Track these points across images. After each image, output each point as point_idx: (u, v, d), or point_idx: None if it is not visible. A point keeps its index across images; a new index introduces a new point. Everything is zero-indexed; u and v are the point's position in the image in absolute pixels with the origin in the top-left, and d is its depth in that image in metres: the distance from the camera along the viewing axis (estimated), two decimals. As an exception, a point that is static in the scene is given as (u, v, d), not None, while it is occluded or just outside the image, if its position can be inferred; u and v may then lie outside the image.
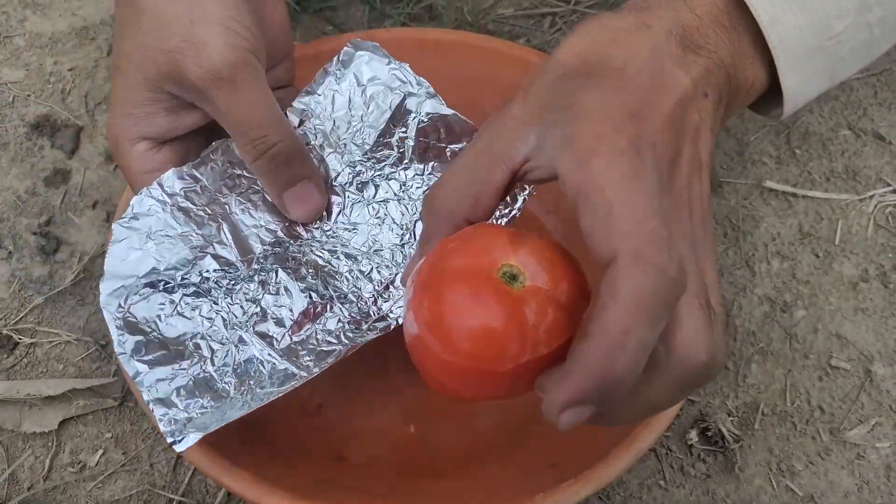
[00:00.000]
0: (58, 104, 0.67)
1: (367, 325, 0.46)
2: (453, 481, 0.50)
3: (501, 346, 0.29)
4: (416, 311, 0.32)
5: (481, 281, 0.30)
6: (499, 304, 0.30)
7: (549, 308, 0.30)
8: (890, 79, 0.70)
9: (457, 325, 0.30)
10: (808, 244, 0.62)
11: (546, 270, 0.31)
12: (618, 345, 0.26)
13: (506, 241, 0.32)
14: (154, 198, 0.45)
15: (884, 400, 0.56)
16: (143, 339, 0.43)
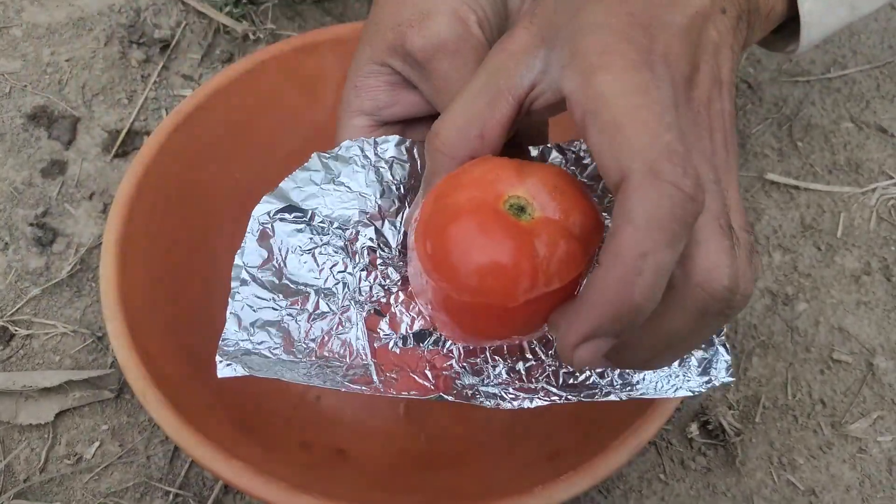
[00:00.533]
0: (55, 95, 0.66)
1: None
2: (452, 474, 0.50)
3: (512, 280, 0.28)
4: (420, 250, 0.30)
5: (487, 214, 0.29)
6: (507, 237, 0.28)
7: (561, 239, 0.28)
8: (893, 71, 0.70)
9: (464, 262, 0.28)
10: (810, 237, 0.61)
11: (556, 200, 0.29)
12: (634, 270, 0.24)
13: (512, 171, 0.30)
14: (362, 150, 0.41)
15: (886, 393, 0.55)
16: (265, 255, 0.41)
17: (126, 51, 0.69)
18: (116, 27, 0.69)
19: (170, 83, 0.67)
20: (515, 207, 0.29)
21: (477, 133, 0.31)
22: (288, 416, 0.52)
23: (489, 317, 0.29)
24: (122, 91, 0.67)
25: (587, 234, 0.29)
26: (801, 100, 0.68)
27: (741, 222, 0.29)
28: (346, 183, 0.41)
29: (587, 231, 0.29)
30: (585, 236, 0.29)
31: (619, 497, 0.52)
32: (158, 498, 0.51)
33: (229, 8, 0.70)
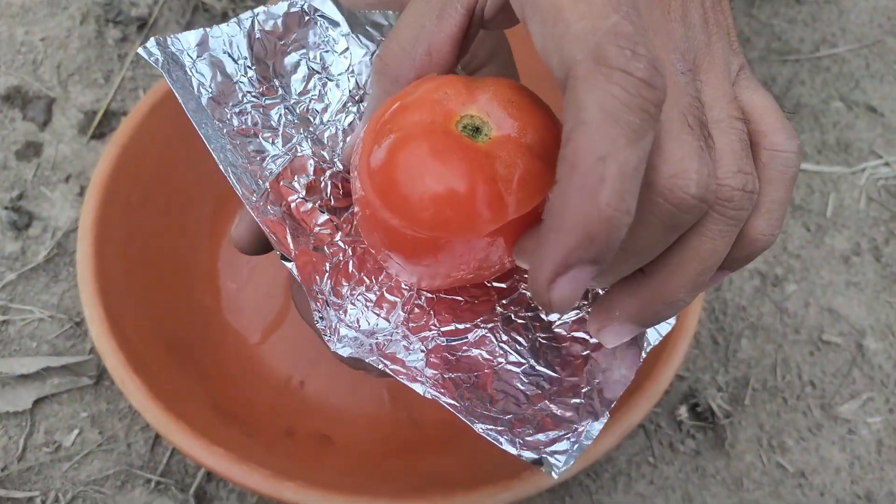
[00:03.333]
0: (29, 75, 0.64)
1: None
2: (440, 460, 0.49)
3: (473, 209, 0.25)
4: (365, 183, 0.27)
5: (439, 137, 0.25)
6: (463, 160, 0.25)
7: (524, 159, 0.25)
8: (882, 50, 0.69)
9: (417, 193, 0.25)
10: (800, 217, 0.61)
11: (514, 117, 0.26)
12: (595, 177, 0.20)
13: (462, 87, 0.27)
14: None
15: (875, 375, 0.55)
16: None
17: (102, 29, 0.67)
18: (92, 5, 0.68)
19: (147, 63, 0.66)
20: (470, 128, 0.26)
21: (424, 50, 0.28)
22: (271, 403, 0.51)
23: (450, 253, 0.26)
24: (99, 71, 0.65)
25: (550, 151, 0.26)
26: (790, 79, 0.67)
27: (730, 111, 0.25)
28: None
29: (549, 148, 0.26)
30: (548, 154, 0.26)
31: (608, 481, 0.51)
32: (140, 486, 0.50)
33: (208, -15, 0.69)
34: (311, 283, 0.29)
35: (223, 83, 0.30)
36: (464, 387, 0.29)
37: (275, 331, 0.54)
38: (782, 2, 0.72)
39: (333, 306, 0.29)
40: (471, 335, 0.30)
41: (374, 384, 0.52)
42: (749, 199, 0.25)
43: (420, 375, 0.28)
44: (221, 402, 0.49)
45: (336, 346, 0.28)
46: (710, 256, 0.24)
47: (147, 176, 0.53)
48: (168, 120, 0.54)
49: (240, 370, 0.52)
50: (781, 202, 0.26)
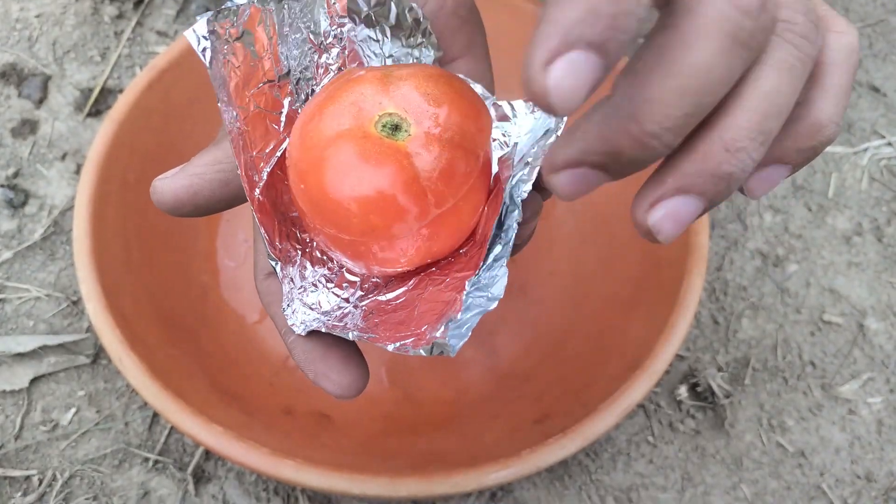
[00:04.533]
0: (24, 52, 0.64)
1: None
2: (439, 438, 0.49)
3: (400, 211, 0.25)
4: (296, 193, 0.27)
5: (358, 142, 0.25)
6: (383, 163, 0.25)
7: (444, 153, 0.26)
8: (885, 29, 0.68)
9: (341, 201, 0.25)
10: (801, 197, 0.60)
11: (433, 109, 0.26)
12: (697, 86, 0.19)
13: (377, 85, 0.27)
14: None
15: (876, 355, 0.55)
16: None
17: (98, 6, 0.66)
18: (88, -19, 0.67)
19: (144, 40, 0.65)
20: (389, 127, 0.26)
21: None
22: (270, 381, 0.51)
23: (389, 250, 0.26)
24: (95, 48, 0.64)
25: (471, 140, 0.26)
26: (792, 58, 0.67)
27: None
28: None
29: (470, 137, 0.26)
30: (470, 144, 0.26)
31: (608, 460, 0.51)
32: (137, 465, 0.50)
33: (205, -38, 0.68)
34: (285, 276, 0.29)
35: (251, 63, 0.29)
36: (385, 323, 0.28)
37: (273, 310, 0.54)
38: (785, -20, 0.71)
39: (298, 290, 0.29)
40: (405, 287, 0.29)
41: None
42: (814, 32, 0.22)
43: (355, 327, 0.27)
44: (220, 381, 0.48)
45: (297, 329, 0.28)
46: (775, 94, 0.21)
47: (144, 153, 0.52)
48: (165, 97, 0.53)
49: (238, 348, 0.52)
50: (845, 89, 0.23)
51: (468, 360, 0.52)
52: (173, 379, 0.45)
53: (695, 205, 0.21)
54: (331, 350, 0.28)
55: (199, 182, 0.28)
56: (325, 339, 0.28)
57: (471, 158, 0.26)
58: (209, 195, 0.28)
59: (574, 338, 0.52)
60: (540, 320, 0.53)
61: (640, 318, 0.49)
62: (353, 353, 0.28)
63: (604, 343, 0.50)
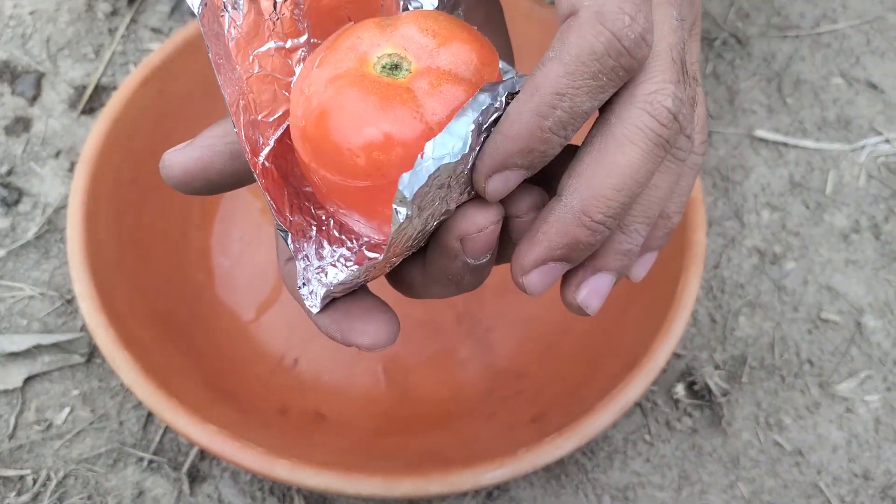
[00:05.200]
0: (18, 49, 0.63)
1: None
2: (435, 437, 0.49)
3: (405, 148, 0.24)
4: (299, 147, 0.26)
5: (356, 83, 0.25)
6: (384, 100, 0.24)
7: (448, 85, 0.25)
8: (883, 26, 0.68)
9: (344, 145, 0.25)
10: (799, 195, 0.60)
11: (434, 44, 0.26)
12: (548, 106, 0.24)
13: (374, 29, 0.26)
14: None
15: (874, 353, 0.54)
16: None
17: (92, 3, 0.66)
18: (82, -22, 0.67)
19: (138, 37, 0.65)
20: (388, 66, 0.25)
21: None
22: (265, 380, 0.50)
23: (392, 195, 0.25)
24: (89, 45, 0.64)
25: (477, 70, 0.26)
26: (790, 55, 0.66)
27: (697, 77, 0.28)
28: None
29: (476, 67, 0.26)
30: (476, 74, 0.26)
31: (604, 459, 0.51)
32: (132, 464, 0.50)
33: (200, -42, 0.67)
34: (299, 250, 0.28)
35: (255, 21, 0.28)
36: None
37: (268, 308, 0.54)
38: (783, -23, 0.71)
39: (316, 269, 0.28)
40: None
41: (369, 362, 0.52)
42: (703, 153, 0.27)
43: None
44: (214, 380, 0.48)
45: (315, 310, 0.27)
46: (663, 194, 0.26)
47: (138, 151, 0.52)
48: (159, 94, 0.53)
49: (233, 347, 0.51)
50: (688, 190, 0.28)
51: (465, 358, 0.52)
52: (167, 378, 0.44)
53: (610, 279, 0.27)
54: (355, 304, 0.28)
55: (210, 154, 0.28)
56: (345, 299, 0.28)
57: (473, 89, 0.25)
58: (220, 168, 0.28)
59: (570, 336, 0.52)
60: (536, 318, 0.53)
61: (637, 317, 0.49)
62: (377, 303, 0.28)
63: (600, 341, 0.50)
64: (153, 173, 0.53)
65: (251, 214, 0.56)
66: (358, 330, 0.27)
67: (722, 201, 0.60)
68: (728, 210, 0.59)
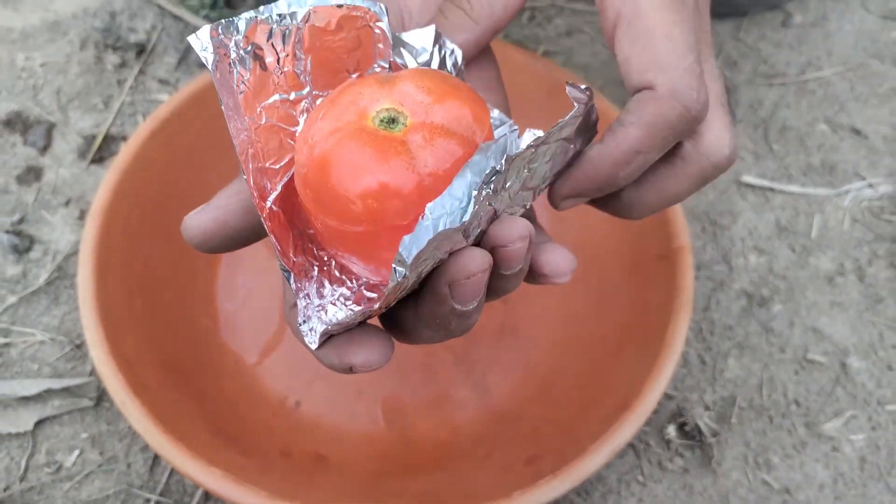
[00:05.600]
0: (29, 100, 0.66)
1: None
2: (432, 479, 0.50)
3: (398, 197, 0.26)
4: (300, 192, 0.28)
5: (355, 135, 0.27)
6: (379, 152, 0.26)
7: (441, 139, 0.27)
8: (866, 73, 0.71)
9: (341, 192, 0.26)
10: (785, 238, 0.62)
11: (430, 100, 0.27)
12: (626, 159, 0.29)
13: (374, 85, 0.28)
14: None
15: (858, 393, 0.56)
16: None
17: (101, 55, 0.68)
18: (91, 31, 0.69)
19: (146, 88, 0.67)
20: (385, 120, 0.27)
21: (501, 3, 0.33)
22: (267, 423, 0.52)
23: (386, 240, 0.27)
24: (98, 96, 0.66)
25: (469, 125, 0.27)
26: (776, 102, 0.69)
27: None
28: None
29: (469, 122, 0.27)
30: (468, 129, 0.27)
31: (598, 499, 0.52)
32: (139, 506, 0.51)
33: (205, 11, 0.70)
34: (300, 289, 0.29)
35: (261, 76, 0.30)
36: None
37: (271, 351, 0.55)
38: (769, 26, 0.73)
39: (316, 307, 0.29)
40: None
41: (369, 404, 0.54)
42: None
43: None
44: (219, 423, 0.50)
45: (314, 346, 0.29)
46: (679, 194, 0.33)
47: (146, 200, 0.54)
48: (167, 145, 0.55)
49: (237, 391, 0.53)
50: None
51: (462, 399, 0.54)
52: (174, 421, 0.46)
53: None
54: (353, 336, 0.29)
55: (225, 214, 0.30)
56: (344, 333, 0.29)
57: (468, 146, 0.27)
58: (236, 225, 0.30)
59: (564, 378, 0.53)
60: (531, 360, 0.55)
61: (629, 359, 0.51)
62: (372, 328, 0.30)
63: (593, 383, 0.52)
64: (161, 222, 0.55)
65: (255, 261, 0.58)
66: (353, 351, 0.29)
67: (711, 245, 0.62)
68: (716, 254, 0.61)
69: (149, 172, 0.54)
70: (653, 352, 0.48)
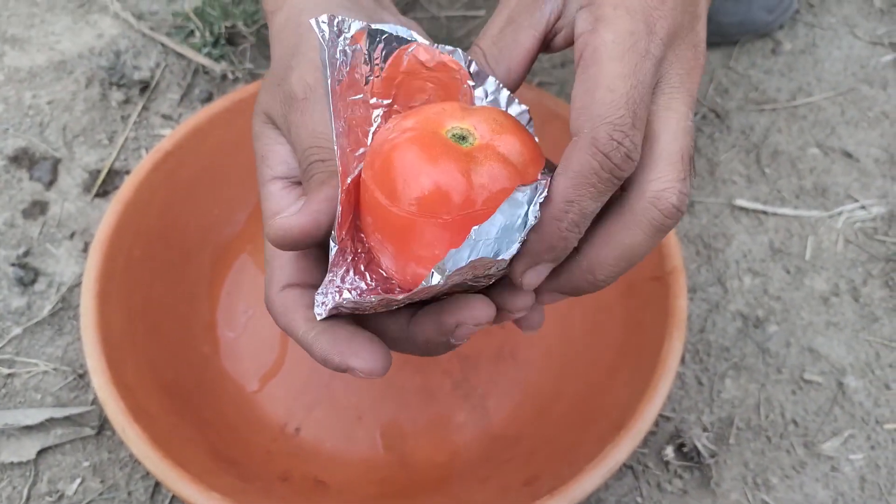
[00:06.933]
0: (36, 137, 0.67)
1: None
2: (432, 501, 0.50)
3: (448, 194, 0.30)
4: (366, 172, 0.32)
5: (429, 137, 0.31)
6: (443, 155, 0.30)
7: (498, 163, 0.30)
8: (856, 97, 0.72)
9: (402, 176, 0.30)
10: (779, 260, 0.63)
11: (497, 133, 0.31)
12: (561, 212, 0.30)
13: (457, 109, 0.32)
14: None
15: (856, 412, 0.56)
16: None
17: (106, 92, 0.70)
18: (97, 69, 0.71)
19: (150, 123, 0.69)
20: (458, 136, 0.31)
21: (504, 69, 0.35)
22: (267, 449, 0.52)
23: (424, 232, 0.30)
24: (103, 132, 0.68)
25: (524, 163, 0.31)
26: (767, 127, 0.70)
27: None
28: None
29: (524, 161, 0.31)
30: (522, 165, 0.31)
31: (598, 521, 0.53)
32: (140, 533, 0.52)
33: (208, 49, 0.72)
34: (334, 265, 0.32)
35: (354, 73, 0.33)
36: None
37: (271, 379, 0.56)
38: (759, 53, 0.75)
39: (335, 287, 0.33)
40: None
41: (368, 428, 0.54)
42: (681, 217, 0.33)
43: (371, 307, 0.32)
44: (219, 449, 0.50)
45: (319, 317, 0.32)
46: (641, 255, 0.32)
47: (148, 232, 0.55)
48: (169, 178, 0.56)
49: (237, 417, 0.54)
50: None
51: (461, 423, 0.54)
52: (174, 447, 0.47)
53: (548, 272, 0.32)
54: (356, 335, 0.32)
55: (320, 216, 0.33)
56: (348, 327, 0.33)
57: (517, 178, 0.30)
58: (326, 225, 0.33)
59: (561, 400, 0.54)
60: (529, 383, 0.55)
61: (624, 381, 0.51)
62: (375, 338, 0.33)
63: (590, 405, 0.52)
64: (162, 252, 0.56)
65: (255, 289, 0.59)
66: (362, 357, 0.32)
67: (705, 268, 0.62)
68: (711, 276, 0.62)
69: (151, 204, 0.55)
70: (648, 372, 0.49)
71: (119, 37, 0.73)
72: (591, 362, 0.54)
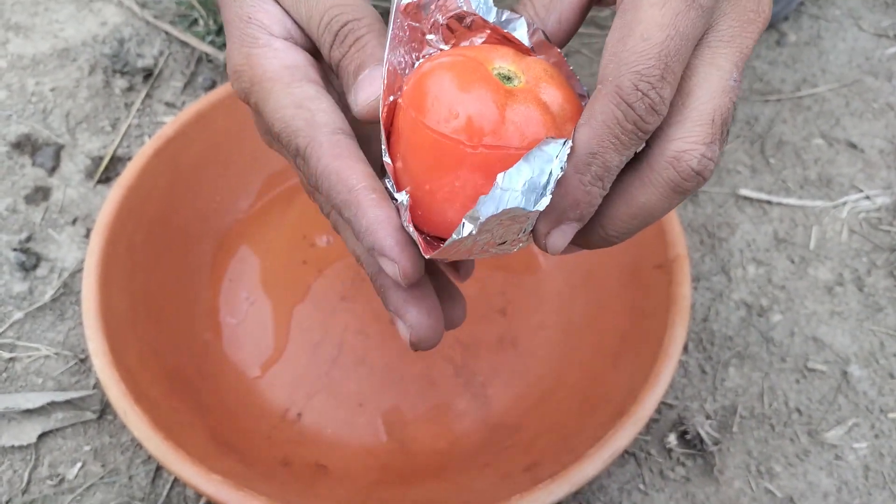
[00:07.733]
0: (39, 123, 0.67)
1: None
2: (432, 486, 0.50)
3: (477, 121, 0.29)
4: (406, 88, 0.31)
5: (475, 68, 0.30)
6: (485, 87, 0.30)
7: (537, 108, 0.30)
8: (861, 89, 0.72)
9: (439, 94, 0.30)
10: (784, 250, 0.62)
11: (544, 82, 0.31)
12: (584, 163, 0.28)
13: (511, 52, 0.32)
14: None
15: (860, 401, 0.56)
16: None
17: (110, 80, 0.70)
18: (100, 57, 0.71)
19: (153, 110, 0.69)
20: (503, 76, 0.30)
21: (555, 19, 0.33)
22: (268, 434, 0.52)
23: (449, 159, 0.30)
24: (106, 119, 0.68)
25: (563, 117, 0.30)
26: (772, 118, 0.70)
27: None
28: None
29: (564, 115, 0.30)
30: (561, 118, 0.30)
31: (600, 508, 0.52)
32: (140, 518, 0.52)
33: (211, 37, 0.72)
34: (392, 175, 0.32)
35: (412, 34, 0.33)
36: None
37: (273, 365, 0.56)
38: (764, 44, 0.74)
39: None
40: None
41: (370, 416, 0.54)
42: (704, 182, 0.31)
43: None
44: (220, 433, 0.50)
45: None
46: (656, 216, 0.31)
47: (150, 217, 0.55)
48: (171, 163, 0.56)
49: (238, 402, 0.53)
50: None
51: (462, 410, 0.54)
52: (175, 431, 0.46)
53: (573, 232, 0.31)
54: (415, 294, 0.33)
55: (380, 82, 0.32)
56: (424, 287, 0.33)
57: (552, 128, 0.30)
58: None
59: (563, 388, 0.53)
60: (530, 371, 0.55)
61: (626, 368, 0.51)
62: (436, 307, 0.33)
63: (591, 392, 0.52)
64: (164, 237, 0.56)
65: (257, 276, 0.59)
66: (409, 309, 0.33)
67: (709, 257, 0.62)
68: (715, 265, 0.61)
69: (153, 189, 0.55)
70: (650, 359, 0.49)
71: (123, 25, 0.73)
72: (594, 350, 0.54)
